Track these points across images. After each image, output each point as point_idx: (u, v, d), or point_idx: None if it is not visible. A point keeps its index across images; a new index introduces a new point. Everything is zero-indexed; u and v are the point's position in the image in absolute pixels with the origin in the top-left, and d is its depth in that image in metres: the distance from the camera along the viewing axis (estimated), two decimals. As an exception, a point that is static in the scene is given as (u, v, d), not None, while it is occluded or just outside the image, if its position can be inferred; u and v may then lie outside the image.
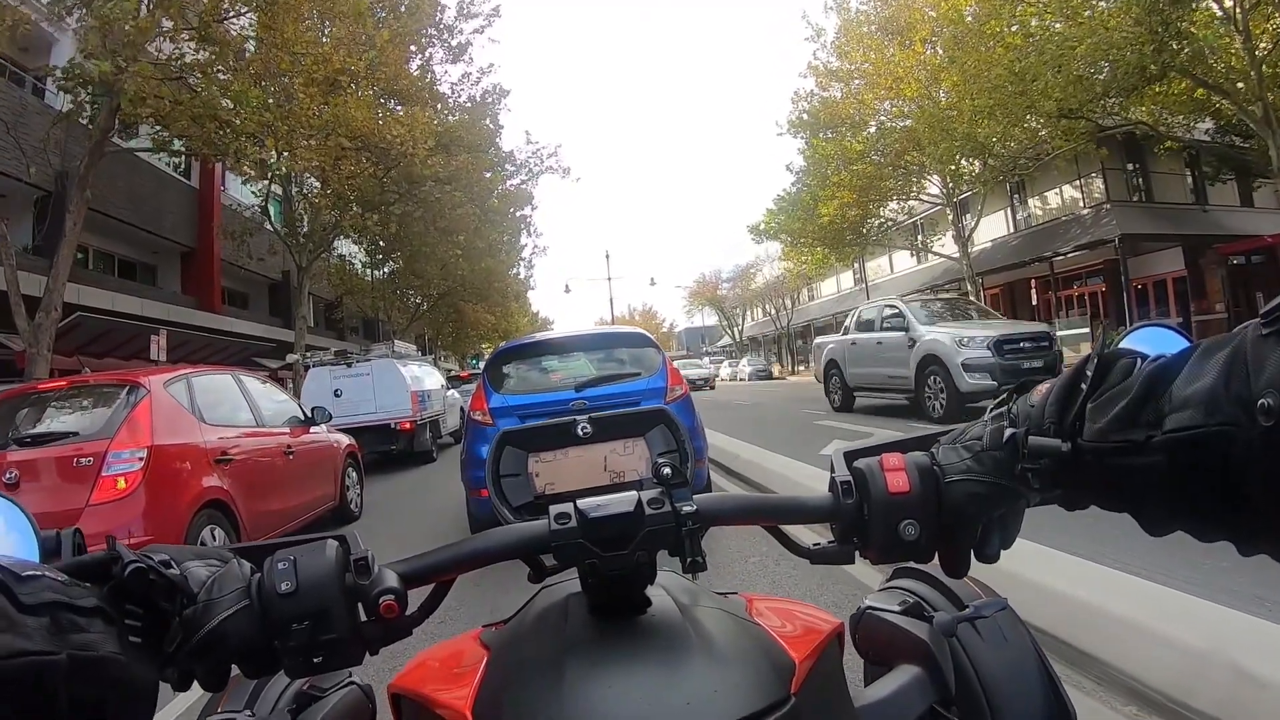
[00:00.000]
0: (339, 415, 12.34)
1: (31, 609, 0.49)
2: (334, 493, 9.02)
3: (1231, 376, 0.50)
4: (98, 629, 0.53)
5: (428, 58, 21.89)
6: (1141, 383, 0.57)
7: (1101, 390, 0.62)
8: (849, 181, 26.83)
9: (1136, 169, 27.60)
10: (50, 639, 0.49)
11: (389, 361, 15.67)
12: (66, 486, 5.43)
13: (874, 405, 16.63)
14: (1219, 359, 0.52)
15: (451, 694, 0.80)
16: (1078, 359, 0.69)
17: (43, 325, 11.62)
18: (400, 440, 14.93)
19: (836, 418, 15.79)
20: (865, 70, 26.03)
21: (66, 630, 0.51)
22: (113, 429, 5.66)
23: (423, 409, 15.57)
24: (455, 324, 40.13)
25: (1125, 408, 0.58)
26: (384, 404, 14.83)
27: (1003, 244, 31.31)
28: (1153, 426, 0.55)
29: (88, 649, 0.51)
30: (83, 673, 0.51)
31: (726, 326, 77.88)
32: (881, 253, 39.66)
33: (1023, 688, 0.89)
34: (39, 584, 0.51)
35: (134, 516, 5.26)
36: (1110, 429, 0.59)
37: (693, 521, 0.76)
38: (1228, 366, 0.51)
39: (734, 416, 18.43)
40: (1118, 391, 0.60)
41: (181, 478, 5.93)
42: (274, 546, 0.71)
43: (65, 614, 0.51)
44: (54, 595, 0.52)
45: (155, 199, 22.13)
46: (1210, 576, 4.01)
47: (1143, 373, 0.58)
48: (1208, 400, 0.51)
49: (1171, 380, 0.55)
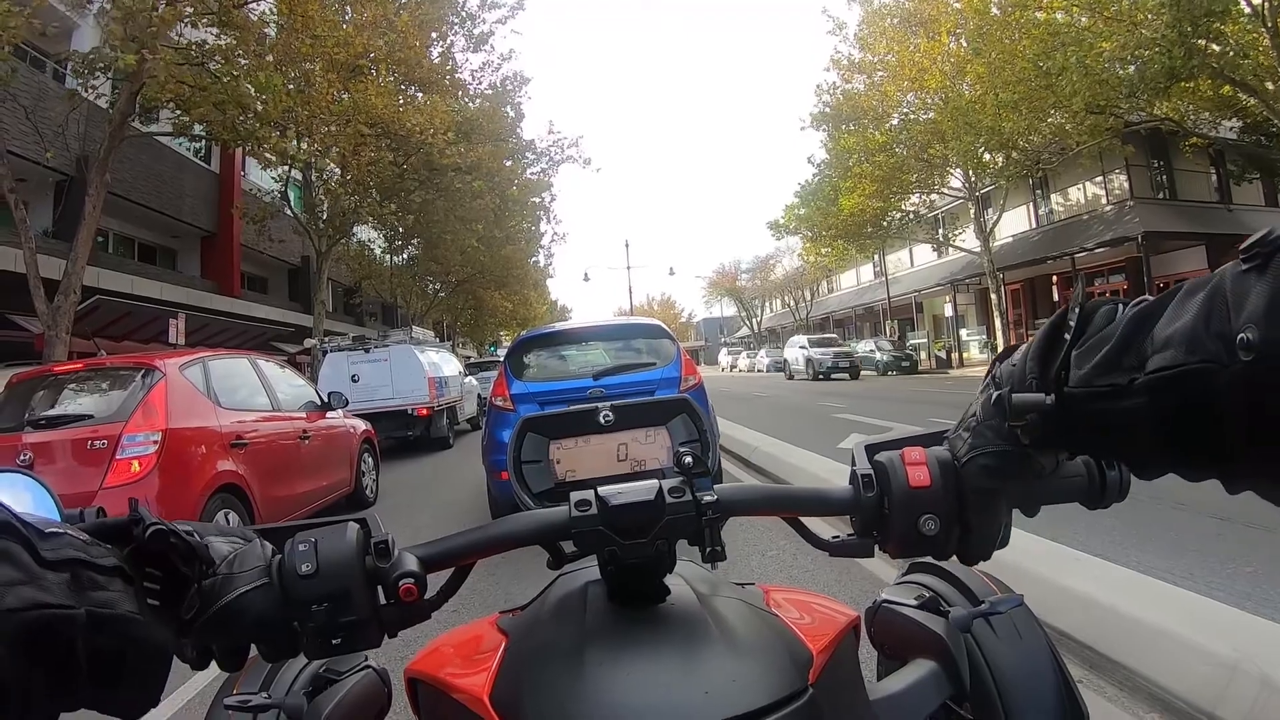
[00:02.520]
0: (356, 400, 12.69)
1: (53, 564, 0.51)
2: (349, 478, 8.99)
3: (1212, 314, 0.50)
4: (117, 588, 0.55)
5: (449, 45, 21.83)
6: (1124, 326, 0.57)
7: (1086, 337, 0.61)
8: (870, 173, 26.68)
9: (1160, 166, 27.27)
10: (70, 594, 0.51)
11: (407, 347, 15.52)
12: (81, 469, 5.45)
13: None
14: (1199, 297, 0.51)
15: (469, 679, 0.79)
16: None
17: (61, 308, 11.65)
18: (417, 426, 14.89)
19: (855, 412, 15.77)
20: (889, 63, 25.86)
21: (86, 587, 0.52)
22: (127, 412, 5.66)
23: (440, 395, 15.52)
24: (474, 310, 40.29)
25: (1108, 353, 0.58)
26: (401, 389, 14.80)
27: (1024, 239, 31.01)
28: (1135, 370, 0.55)
29: (106, 606, 0.53)
30: (100, 629, 0.52)
31: (745, 318, 77.68)
32: (902, 246, 39.49)
33: (1036, 685, 0.90)
34: (61, 540, 0.53)
35: (148, 500, 4.97)
36: (1094, 375, 0.59)
37: (713, 511, 0.76)
38: (1208, 304, 0.50)
39: (751, 409, 18.40)
40: (1100, 338, 0.59)
41: (196, 461, 5.94)
42: (295, 528, 0.72)
43: (85, 571, 0.53)
44: (75, 553, 0.53)
45: (175, 183, 22.25)
46: (1232, 582, 3.97)
47: (1125, 317, 0.58)
48: (1188, 338, 0.51)
49: (1154, 322, 0.55)
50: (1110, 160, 25.78)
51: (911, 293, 38.23)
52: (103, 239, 20.43)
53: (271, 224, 20.30)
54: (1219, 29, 15.37)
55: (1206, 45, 15.50)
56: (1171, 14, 14.79)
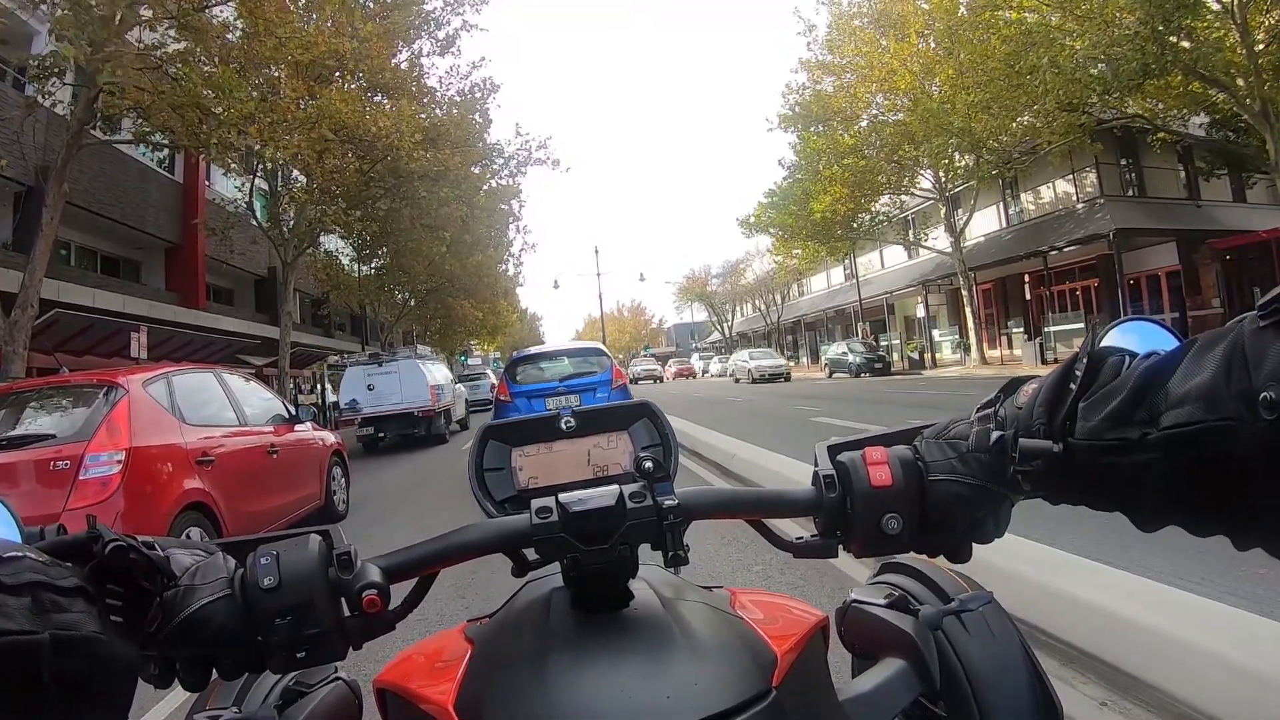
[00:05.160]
0: (372, 405, 17.78)
1: (13, 589, 0.50)
2: (319, 492, 8.90)
3: (1231, 370, 0.49)
4: (79, 608, 0.53)
5: (416, 50, 21.43)
6: (1135, 380, 0.57)
7: (1093, 389, 0.61)
8: (841, 176, 26.70)
9: (1129, 164, 27.58)
10: (32, 619, 0.50)
11: (413, 361, 19.30)
12: (43, 490, 5.28)
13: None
14: (1216, 353, 0.51)
15: (435, 688, 0.79)
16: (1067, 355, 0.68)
17: (19, 322, 11.35)
18: (421, 425, 18.23)
19: (831, 414, 15.73)
20: (857, 64, 25.87)
21: (48, 610, 0.51)
22: (90, 431, 5.52)
23: (439, 399, 18.85)
24: (443, 320, 40.05)
25: (1118, 406, 0.57)
26: (408, 396, 18.05)
27: (996, 239, 31.24)
28: (1147, 424, 0.55)
29: (70, 628, 0.52)
30: (65, 652, 0.51)
31: (716, 322, 77.74)
32: (873, 248, 39.69)
33: (1008, 680, 0.89)
34: (20, 564, 0.52)
35: (113, 521, 5.06)
36: (1103, 427, 0.58)
37: (674, 515, 0.77)
38: (1226, 360, 0.50)
39: (726, 414, 18.56)
40: (1110, 390, 0.59)
41: (162, 480, 5.83)
42: (258, 541, 0.71)
43: (47, 594, 0.52)
44: (35, 575, 0.52)
45: (139, 193, 21.72)
46: (1241, 584, 3.87)
47: (1135, 370, 0.58)
48: (1208, 395, 0.50)
49: (1166, 377, 0.55)
50: (1080, 159, 26.00)
51: (883, 294, 38.32)
52: (65, 251, 20.12)
53: (236, 234, 20.31)
54: (1190, 25, 15.47)
55: (1178, 41, 15.60)
56: (1144, 10, 14.89)
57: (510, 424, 1.02)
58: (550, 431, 1.01)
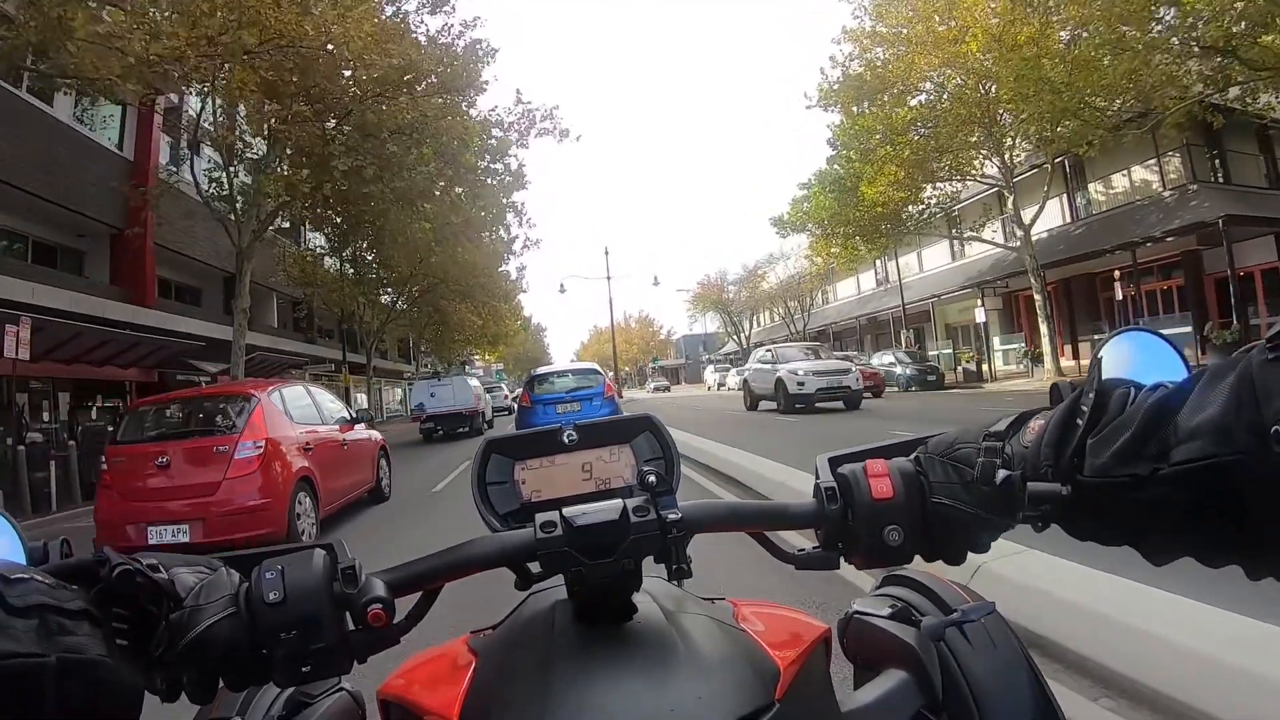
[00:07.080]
0: (436, 407, 25.11)
1: (20, 611, 0.50)
2: (372, 477, 10.84)
3: (1241, 404, 0.49)
4: (85, 631, 0.54)
5: (400, 8, 17.88)
6: (1144, 414, 0.56)
7: (1100, 424, 0.59)
8: (896, 156, 23.59)
9: (1216, 149, 24.21)
10: (39, 641, 0.50)
11: (462, 376, 28.17)
12: (211, 465, 7.45)
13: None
14: (1224, 387, 0.51)
15: (439, 699, 0.79)
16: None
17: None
18: (467, 422, 25.43)
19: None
20: (916, 31, 22.44)
21: (55, 633, 0.51)
22: (240, 427, 7.76)
23: (480, 403, 26.62)
24: (439, 326, 37.93)
25: (1128, 441, 0.56)
26: (460, 401, 25.33)
27: (1062, 234, 27.87)
28: (1158, 459, 0.54)
29: (76, 651, 0.52)
30: (71, 675, 0.51)
31: (732, 332, 74.36)
32: (912, 249, 36.51)
33: (1011, 691, 0.87)
34: (27, 586, 0.52)
35: (255, 487, 7.38)
36: (1113, 464, 0.57)
37: (677, 529, 0.76)
38: (1235, 393, 0.50)
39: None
40: (1118, 425, 0.57)
41: (285, 460, 7.93)
42: (261, 555, 0.70)
43: (53, 616, 0.52)
44: (42, 598, 0.52)
45: (76, 170, 18.41)
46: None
47: (1143, 405, 0.56)
48: (1218, 429, 0.50)
49: (1175, 410, 0.54)
50: (1165, 142, 22.68)
51: (929, 298, 34.82)
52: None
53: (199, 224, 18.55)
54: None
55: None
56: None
57: (512, 437, 1.00)
58: (552, 445, 0.99)
